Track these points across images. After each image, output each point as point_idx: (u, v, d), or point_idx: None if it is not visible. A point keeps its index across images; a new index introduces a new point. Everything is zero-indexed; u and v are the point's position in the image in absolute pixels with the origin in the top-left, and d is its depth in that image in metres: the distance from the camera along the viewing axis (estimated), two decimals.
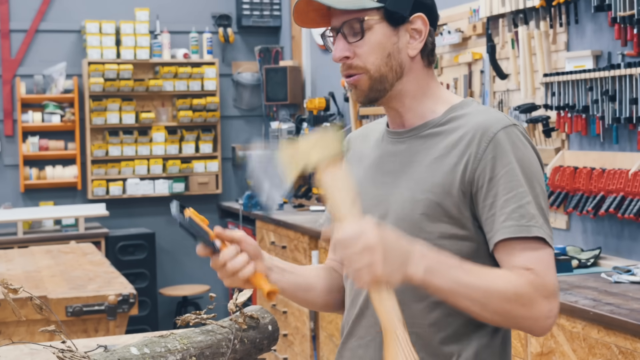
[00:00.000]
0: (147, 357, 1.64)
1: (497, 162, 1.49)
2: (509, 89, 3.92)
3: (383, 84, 1.57)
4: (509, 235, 1.46)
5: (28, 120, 6.20)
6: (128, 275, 4.74)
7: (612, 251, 3.35)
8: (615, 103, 3.12)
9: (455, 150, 1.53)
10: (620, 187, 3.14)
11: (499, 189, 1.48)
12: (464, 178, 1.51)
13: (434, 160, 1.55)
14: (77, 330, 2.99)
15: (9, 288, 1.54)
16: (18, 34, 6.30)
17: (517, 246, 1.46)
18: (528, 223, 1.46)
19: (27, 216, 5.83)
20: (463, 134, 1.53)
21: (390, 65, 1.56)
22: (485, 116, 1.54)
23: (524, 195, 1.47)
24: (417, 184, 1.55)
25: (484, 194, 1.50)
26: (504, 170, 1.48)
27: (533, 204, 1.47)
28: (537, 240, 1.46)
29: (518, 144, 1.51)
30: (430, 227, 1.52)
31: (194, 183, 6.59)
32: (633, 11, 3.07)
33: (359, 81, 1.56)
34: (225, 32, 6.74)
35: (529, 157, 1.51)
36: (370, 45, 1.54)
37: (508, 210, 1.46)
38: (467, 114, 1.57)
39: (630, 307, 2.55)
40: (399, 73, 1.57)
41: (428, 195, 1.53)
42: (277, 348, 5.22)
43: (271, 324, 1.96)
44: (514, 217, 1.46)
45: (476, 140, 1.51)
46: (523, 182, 1.48)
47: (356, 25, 1.54)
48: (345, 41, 1.55)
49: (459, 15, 4.26)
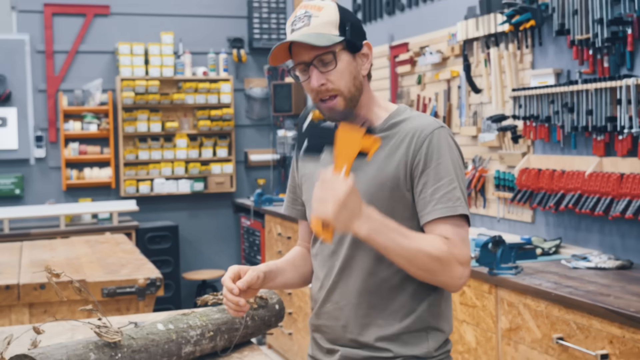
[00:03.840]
0: (172, 332, 1.64)
1: (429, 157, 1.63)
2: (482, 102, 3.92)
3: (353, 101, 1.69)
4: (439, 215, 1.61)
5: (69, 129, 6.20)
6: (155, 262, 4.75)
7: (571, 241, 3.35)
8: (573, 114, 3.12)
9: (400, 149, 1.66)
10: (577, 186, 3.14)
11: (429, 178, 1.63)
12: (406, 169, 1.65)
13: (385, 159, 1.67)
14: (111, 309, 2.99)
15: (52, 273, 1.54)
16: (61, 54, 6.30)
17: (443, 223, 1.61)
18: (454, 204, 1.61)
19: (68, 211, 5.83)
20: (404, 136, 1.67)
21: (356, 85, 1.68)
22: (420, 121, 1.69)
23: (451, 182, 1.62)
24: (373, 178, 1.66)
25: (417, 181, 1.64)
26: (434, 164, 1.63)
27: (458, 189, 1.62)
28: (460, 217, 1.62)
29: (444, 142, 1.65)
30: (386, 209, 1.62)
31: (211, 182, 6.59)
32: (589, 35, 3.07)
33: (335, 104, 1.66)
34: (238, 53, 6.74)
35: (453, 152, 1.66)
36: (340, 71, 1.65)
37: (438, 196, 1.61)
38: (404, 120, 1.70)
39: (586, 289, 2.55)
40: (360, 90, 1.70)
41: (385, 184, 1.66)
42: (283, 324, 5.22)
43: (278, 303, 1.96)
44: (443, 201, 1.61)
45: (414, 140, 1.65)
46: (450, 172, 1.63)
47: (328, 57, 1.63)
48: (319, 71, 1.64)
49: (439, 39, 4.26)
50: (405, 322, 1.67)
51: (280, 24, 6.80)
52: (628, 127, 2.85)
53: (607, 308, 2.29)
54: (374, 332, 1.67)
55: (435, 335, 1.70)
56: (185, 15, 6.63)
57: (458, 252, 1.58)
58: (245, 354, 1.80)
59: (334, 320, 1.72)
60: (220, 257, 6.74)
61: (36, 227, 5.69)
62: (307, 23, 1.64)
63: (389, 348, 1.66)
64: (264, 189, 6.75)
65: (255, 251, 6.07)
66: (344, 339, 1.70)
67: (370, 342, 1.67)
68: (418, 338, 1.68)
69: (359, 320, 1.68)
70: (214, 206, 6.67)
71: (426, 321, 1.69)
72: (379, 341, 1.67)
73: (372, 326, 1.68)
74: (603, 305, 2.31)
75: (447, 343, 1.74)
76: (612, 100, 2.95)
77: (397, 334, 1.67)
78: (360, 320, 1.68)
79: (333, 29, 1.64)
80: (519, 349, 2.71)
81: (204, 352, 1.72)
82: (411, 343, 1.67)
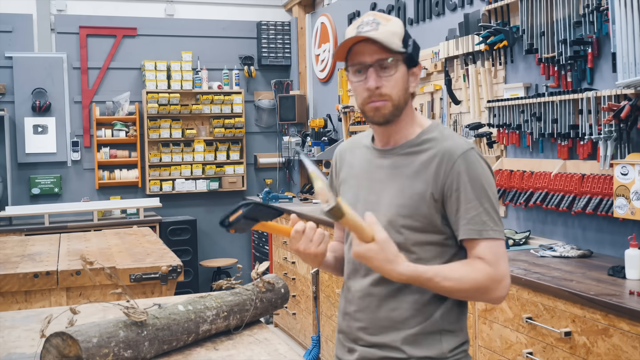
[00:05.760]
0: (191, 312, 1.64)
1: (460, 178, 1.51)
2: (461, 111, 3.92)
3: (399, 110, 1.56)
4: (467, 236, 1.51)
5: (101, 135, 6.20)
6: (176, 251, 4.74)
7: (539, 233, 3.35)
8: (540, 122, 3.12)
9: (429, 168, 1.53)
10: (544, 185, 3.14)
11: (461, 199, 1.51)
12: (435, 189, 1.52)
13: (413, 174, 1.55)
14: (138, 292, 2.99)
15: (86, 261, 1.54)
16: (94, 70, 6.30)
17: (478, 242, 1.51)
18: (480, 228, 1.50)
19: (100, 207, 5.83)
20: (434, 155, 1.54)
21: (405, 97, 1.56)
22: (450, 142, 1.55)
23: (477, 206, 1.50)
24: (400, 192, 1.55)
25: (452, 202, 1.52)
26: (464, 186, 1.50)
27: (483, 213, 1.50)
28: (489, 238, 1.51)
29: (475, 164, 1.52)
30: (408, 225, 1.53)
31: (225, 182, 6.59)
32: (554, 53, 3.07)
33: (383, 106, 1.54)
34: (249, 69, 6.73)
35: (482, 173, 1.53)
36: (396, 79, 1.53)
37: (469, 216, 1.50)
38: (435, 138, 1.57)
39: (552, 275, 2.55)
40: (406, 103, 1.57)
41: (408, 201, 1.53)
42: (288, 306, 5.22)
43: (283, 287, 1.96)
44: (472, 222, 1.50)
45: (445, 161, 1.52)
46: (479, 193, 1.51)
47: (390, 63, 1.52)
48: (377, 75, 1.52)
49: (424, 57, 4.26)
50: (420, 326, 1.56)
51: (285, 44, 6.79)
52: (588, 134, 2.85)
53: (570, 291, 2.29)
54: (390, 335, 1.56)
55: (449, 337, 1.57)
56: (202, 37, 6.62)
57: (494, 272, 1.48)
58: (255, 332, 1.80)
59: (355, 321, 1.62)
60: (233, 247, 6.73)
61: (73, 221, 5.69)
62: (375, 28, 1.51)
63: (404, 349, 1.55)
64: (271, 188, 6.75)
65: (263, 242, 6.07)
66: (362, 340, 1.61)
67: (387, 343, 1.56)
68: (432, 340, 1.56)
69: (376, 322, 1.58)
70: (228, 202, 6.67)
71: (440, 325, 1.56)
72: (394, 343, 1.56)
73: (389, 329, 1.56)
74: (567, 289, 2.31)
75: (463, 344, 1.61)
76: (574, 111, 2.94)
77: (412, 336, 1.55)
78: (377, 322, 1.58)
79: (397, 40, 1.52)
80: (493, 327, 2.71)
81: (219, 329, 1.72)
82: (425, 345, 1.55)
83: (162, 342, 1.53)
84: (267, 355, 1.60)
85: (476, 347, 2.81)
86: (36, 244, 3.70)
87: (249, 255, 6.72)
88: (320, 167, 1.29)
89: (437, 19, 4.25)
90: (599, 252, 2.96)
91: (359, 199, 1.61)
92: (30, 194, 6.06)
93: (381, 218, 1.53)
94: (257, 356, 1.60)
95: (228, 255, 6.68)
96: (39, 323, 1.88)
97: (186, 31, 6.56)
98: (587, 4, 2.86)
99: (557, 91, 3.03)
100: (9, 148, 5.81)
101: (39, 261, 3.09)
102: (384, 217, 1.54)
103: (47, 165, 6.13)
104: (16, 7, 6.08)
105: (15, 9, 6.07)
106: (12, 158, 5.92)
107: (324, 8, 6.26)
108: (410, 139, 1.59)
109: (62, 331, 1.39)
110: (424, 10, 4.39)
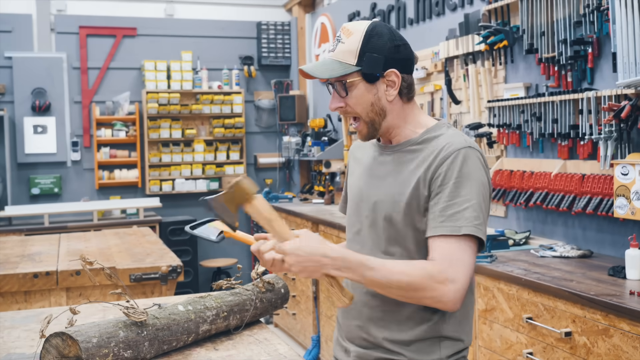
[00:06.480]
0: (191, 313, 1.64)
1: (449, 173, 1.46)
2: (462, 111, 3.92)
3: (374, 125, 1.56)
4: (442, 233, 1.44)
5: (101, 135, 6.19)
6: (176, 251, 4.74)
7: (539, 233, 3.35)
8: (541, 122, 3.12)
9: (425, 163, 1.51)
10: (544, 185, 3.14)
11: (444, 194, 1.45)
12: (425, 182, 1.49)
13: (412, 170, 1.53)
14: (137, 292, 2.99)
15: (86, 261, 1.54)
16: (94, 70, 6.30)
17: (442, 240, 1.44)
18: (460, 224, 1.42)
19: (100, 207, 5.83)
20: (432, 151, 1.52)
21: (375, 110, 1.54)
22: (451, 139, 1.51)
23: (466, 202, 1.43)
24: (399, 186, 1.53)
25: (433, 195, 1.47)
26: (452, 181, 1.45)
27: (471, 210, 1.43)
28: (466, 238, 1.43)
29: (469, 162, 1.46)
30: (404, 218, 1.52)
31: (225, 182, 6.58)
32: (554, 53, 3.07)
33: (359, 129, 1.57)
34: (249, 69, 6.73)
35: (477, 173, 1.47)
36: (356, 98, 1.53)
37: (448, 213, 1.44)
38: (439, 136, 1.54)
39: (552, 275, 2.55)
40: (382, 115, 1.55)
41: (406, 196, 1.52)
42: (288, 306, 5.22)
43: (283, 287, 1.96)
44: (451, 220, 1.43)
45: (439, 155, 1.49)
46: (467, 192, 1.44)
47: (341, 85, 1.53)
48: (339, 95, 1.55)
49: (424, 57, 4.26)
50: (418, 330, 1.53)
51: (285, 44, 6.79)
52: (589, 134, 2.85)
53: (570, 292, 2.29)
54: (387, 335, 1.54)
55: (449, 344, 1.54)
56: (202, 37, 6.62)
57: (438, 272, 1.39)
58: (255, 332, 1.80)
59: (352, 319, 1.62)
60: (232, 247, 6.73)
61: (72, 221, 5.69)
62: (333, 48, 1.54)
63: (402, 352, 1.53)
64: (271, 188, 6.75)
65: None
66: (359, 338, 1.60)
67: (383, 344, 1.55)
68: (430, 346, 1.53)
69: (373, 322, 1.56)
70: None
71: (439, 330, 1.53)
72: (391, 344, 1.54)
73: (385, 329, 1.55)
74: (567, 289, 2.31)
75: (462, 351, 1.57)
76: (574, 111, 2.94)
77: (410, 340, 1.53)
78: (374, 322, 1.56)
79: (351, 58, 1.50)
80: (493, 327, 2.71)
81: (219, 330, 1.72)
82: (423, 350, 1.53)
83: (162, 342, 1.53)
84: (267, 355, 1.60)
85: (476, 347, 2.81)
86: (36, 244, 3.70)
87: (249, 255, 6.72)
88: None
89: (437, 18, 4.25)
90: (599, 252, 2.96)
91: (362, 192, 1.63)
92: (30, 194, 6.06)
93: (379, 209, 1.55)
94: (257, 356, 1.59)
95: (228, 255, 6.68)
96: (38, 323, 1.88)
97: (186, 31, 6.56)
98: (588, 4, 2.86)
99: (557, 91, 3.02)
100: (9, 148, 5.81)
101: (38, 261, 3.09)
102: (382, 211, 1.55)
103: (46, 165, 6.13)
104: (16, 7, 6.08)
105: (15, 9, 6.07)
106: (11, 158, 5.92)
107: (324, 8, 6.26)
108: (413, 138, 1.58)
109: (61, 331, 1.39)
110: (424, 10, 4.39)
